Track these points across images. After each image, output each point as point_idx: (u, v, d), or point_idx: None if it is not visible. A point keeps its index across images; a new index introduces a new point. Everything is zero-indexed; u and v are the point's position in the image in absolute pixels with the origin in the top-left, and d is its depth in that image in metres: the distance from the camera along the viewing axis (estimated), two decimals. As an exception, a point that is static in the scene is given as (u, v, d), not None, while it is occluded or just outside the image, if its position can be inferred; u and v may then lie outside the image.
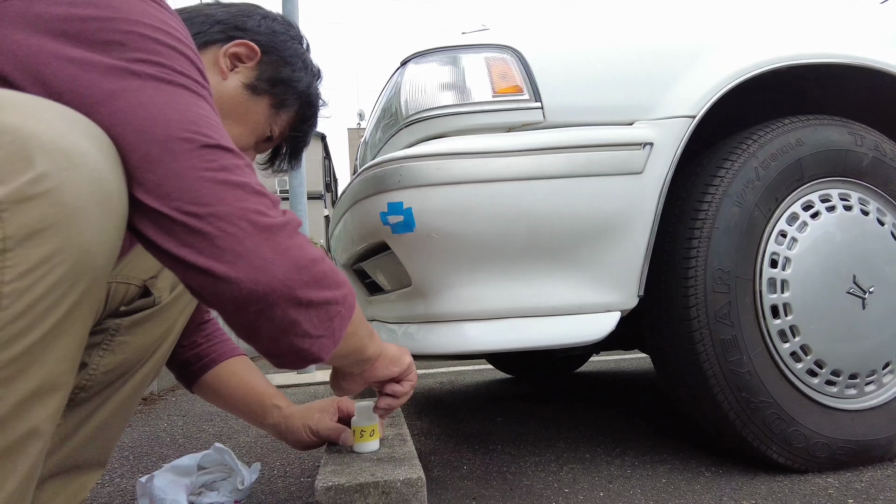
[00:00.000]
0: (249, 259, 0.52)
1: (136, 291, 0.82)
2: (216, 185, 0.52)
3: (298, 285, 0.56)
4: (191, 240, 0.51)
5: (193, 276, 0.52)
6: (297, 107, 0.88)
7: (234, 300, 0.53)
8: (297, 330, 0.58)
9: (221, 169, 0.53)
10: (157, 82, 0.53)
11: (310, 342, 0.60)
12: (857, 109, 1.32)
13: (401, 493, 0.88)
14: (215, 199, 0.51)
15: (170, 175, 0.51)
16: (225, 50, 0.80)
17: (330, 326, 0.61)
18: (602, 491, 1.08)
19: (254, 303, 0.53)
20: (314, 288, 0.58)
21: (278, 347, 0.59)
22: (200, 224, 0.51)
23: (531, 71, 1.07)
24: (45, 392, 0.46)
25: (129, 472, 1.41)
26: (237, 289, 0.52)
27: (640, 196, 1.05)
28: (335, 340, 0.63)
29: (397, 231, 1.04)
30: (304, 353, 0.61)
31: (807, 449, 1.08)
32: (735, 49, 1.12)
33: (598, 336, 1.06)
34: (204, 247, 0.51)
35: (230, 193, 0.52)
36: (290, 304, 0.56)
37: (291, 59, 0.85)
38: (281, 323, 0.56)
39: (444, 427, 1.74)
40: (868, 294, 1.11)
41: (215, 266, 0.51)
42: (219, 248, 0.51)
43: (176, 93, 0.54)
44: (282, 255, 0.54)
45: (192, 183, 0.51)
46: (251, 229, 0.53)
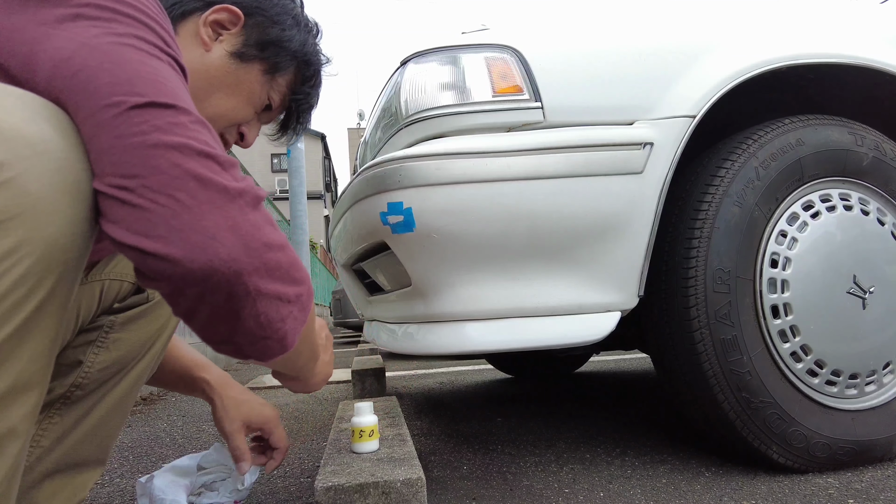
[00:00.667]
0: (187, 234, 0.45)
1: (129, 288, 0.82)
2: (146, 149, 0.45)
3: (246, 269, 0.47)
4: (122, 215, 0.45)
5: (128, 254, 0.46)
6: (293, 68, 0.80)
7: (169, 280, 0.46)
8: (239, 325, 0.50)
9: (153, 130, 0.46)
10: (95, 45, 0.48)
11: (251, 341, 0.52)
12: (857, 109, 1.32)
13: (400, 493, 0.88)
14: (146, 167, 0.45)
15: (101, 149, 0.46)
16: (205, 18, 0.73)
17: (279, 329, 0.53)
18: (602, 491, 1.08)
19: (191, 285, 0.46)
20: (265, 277, 0.49)
21: (217, 334, 0.51)
22: (131, 196, 0.44)
23: (531, 71, 1.07)
24: (20, 391, 0.45)
25: (129, 472, 1.41)
26: (172, 268, 0.45)
27: (641, 196, 1.05)
28: (283, 346, 0.55)
29: (397, 231, 1.04)
30: (243, 348, 0.53)
31: (807, 449, 1.07)
32: (735, 49, 1.12)
33: (598, 336, 1.06)
34: (135, 220, 0.44)
35: (163, 158, 0.45)
36: (234, 290, 0.47)
37: (280, 17, 0.77)
38: (221, 310, 0.49)
39: (443, 427, 1.74)
40: (868, 294, 1.11)
41: (146, 243, 0.44)
42: (151, 222, 0.44)
43: (113, 51, 0.48)
44: (228, 232, 0.46)
45: (120, 153, 0.45)
46: (190, 200, 0.45)
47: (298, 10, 0.81)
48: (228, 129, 0.78)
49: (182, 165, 0.45)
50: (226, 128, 0.77)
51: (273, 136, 0.88)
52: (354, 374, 2.27)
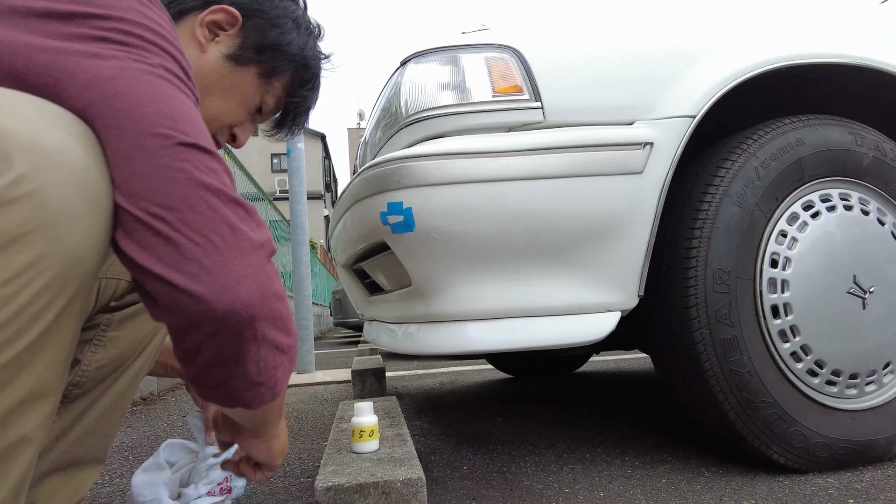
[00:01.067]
0: (216, 275, 0.47)
1: (126, 287, 0.81)
2: (189, 187, 0.47)
3: (260, 316, 0.50)
4: (154, 244, 0.46)
5: (151, 283, 0.47)
6: (291, 71, 0.78)
7: (189, 315, 0.47)
8: (240, 368, 0.52)
9: (196, 170, 0.48)
10: (136, 72, 0.49)
11: (245, 385, 0.54)
12: (857, 109, 1.32)
13: (400, 493, 0.88)
14: (186, 204, 0.47)
15: (139, 173, 0.46)
16: (201, 18, 0.71)
17: (272, 376, 0.55)
18: (602, 491, 1.08)
19: (209, 323, 0.48)
20: (271, 326, 0.52)
21: (213, 377, 0.53)
22: (167, 229, 0.46)
23: (531, 71, 1.07)
24: (35, 399, 0.45)
25: (129, 472, 1.41)
26: (196, 304, 0.47)
27: (641, 196, 1.05)
28: (273, 393, 0.57)
29: (397, 231, 1.04)
30: (234, 394, 0.54)
31: (807, 449, 1.07)
32: (735, 49, 1.12)
33: (598, 336, 1.06)
34: (168, 253, 0.46)
35: (203, 200, 0.48)
36: (245, 333, 0.50)
37: (279, 20, 0.75)
38: (227, 352, 0.50)
39: (444, 427, 1.74)
40: (868, 294, 1.11)
41: (177, 277, 0.46)
42: (184, 257, 0.46)
43: (155, 83, 0.50)
44: (250, 279, 0.49)
45: (162, 183, 0.46)
46: (222, 243, 0.48)
47: (300, 12, 0.79)
48: (220, 131, 0.77)
49: (218, 210, 0.48)
50: (218, 130, 0.77)
51: (269, 132, 0.88)
52: (354, 374, 2.27)
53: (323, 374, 3.32)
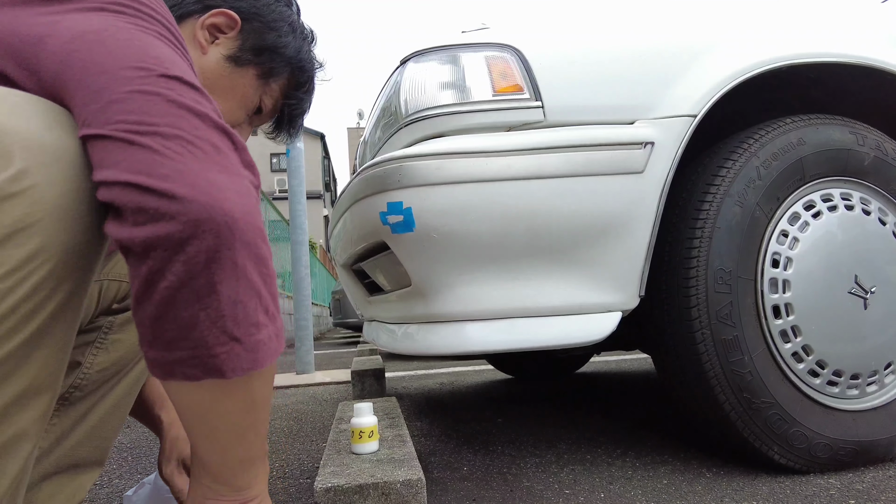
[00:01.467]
0: (194, 178, 0.42)
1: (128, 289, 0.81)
2: (170, 106, 0.44)
3: (241, 237, 0.43)
4: (124, 155, 0.42)
5: (117, 194, 0.42)
6: (288, 73, 0.81)
7: (155, 219, 0.41)
8: (212, 304, 0.43)
9: (179, 96, 0.45)
10: (126, 25, 0.48)
11: (216, 336, 0.44)
12: (858, 109, 1.31)
13: (400, 494, 0.88)
14: (165, 119, 0.43)
15: (115, 99, 0.43)
16: (202, 21, 0.74)
17: (252, 335, 0.46)
18: (603, 492, 1.07)
19: (180, 227, 0.41)
20: (253, 261, 0.45)
21: (171, 324, 0.43)
22: (141, 139, 0.42)
23: (531, 70, 1.06)
24: (32, 395, 0.45)
25: (128, 473, 1.41)
26: (166, 204, 0.41)
27: (641, 196, 1.05)
28: (254, 361, 0.47)
29: (397, 231, 1.03)
30: (202, 351, 0.44)
31: (808, 449, 1.07)
32: (736, 48, 1.12)
33: (598, 336, 1.05)
34: (140, 160, 0.41)
35: (185, 119, 0.44)
36: (222, 252, 0.43)
37: (276, 23, 0.77)
38: (197, 273, 0.42)
39: (443, 428, 1.73)
40: (870, 294, 1.10)
41: (146, 180, 0.41)
42: (157, 162, 0.41)
43: (143, 36, 0.48)
44: (234, 193, 0.44)
45: (140, 103, 0.43)
46: (203, 156, 0.43)
47: (295, 17, 0.82)
48: None
49: (201, 129, 0.45)
50: None
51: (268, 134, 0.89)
52: (354, 374, 2.26)
53: (322, 375, 3.31)
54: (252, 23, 0.76)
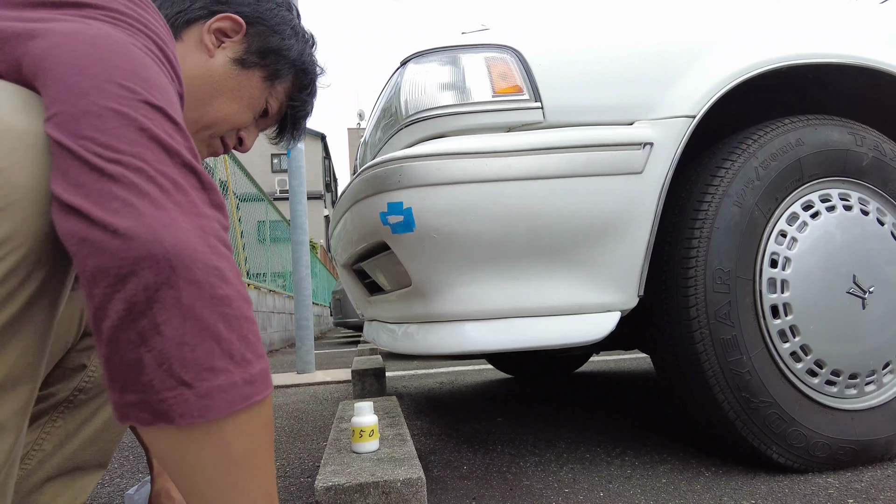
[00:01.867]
0: (140, 214, 0.40)
1: None
2: (141, 136, 0.43)
3: (186, 274, 0.41)
4: (84, 180, 0.40)
5: (68, 221, 0.40)
6: (292, 76, 0.83)
7: (97, 253, 0.40)
8: (155, 346, 0.41)
9: (155, 127, 0.44)
10: (120, 37, 0.48)
11: (163, 380, 0.41)
12: (857, 109, 1.32)
13: (400, 493, 0.88)
14: (133, 150, 0.42)
15: (91, 111, 0.42)
16: (208, 26, 0.75)
17: (205, 380, 0.42)
18: (602, 491, 1.08)
19: (118, 262, 0.40)
20: (205, 300, 0.42)
21: (121, 366, 0.41)
22: (102, 164, 0.41)
23: (531, 71, 1.07)
24: (10, 387, 0.43)
25: (129, 473, 1.41)
26: (107, 239, 0.39)
27: (640, 196, 1.05)
28: (204, 409, 0.42)
29: (397, 231, 1.04)
30: (151, 396, 0.41)
31: (807, 449, 1.08)
32: (735, 49, 1.12)
33: (598, 336, 1.06)
34: (93, 189, 0.40)
35: (153, 153, 0.43)
36: (162, 291, 0.40)
37: (279, 27, 0.80)
38: (140, 314, 0.40)
39: (443, 427, 1.74)
40: (868, 294, 1.11)
41: (96, 211, 0.40)
42: (112, 193, 0.40)
43: (136, 52, 0.48)
44: (184, 231, 0.42)
45: (114, 125, 0.42)
46: (159, 193, 0.42)
47: (296, 21, 0.84)
48: (228, 134, 0.80)
49: (165, 165, 0.44)
50: (227, 132, 0.79)
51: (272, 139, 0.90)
52: (354, 374, 2.27)
53: (323, 374, 3.32)
54: (256, 26, 0.78)
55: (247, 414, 0.45)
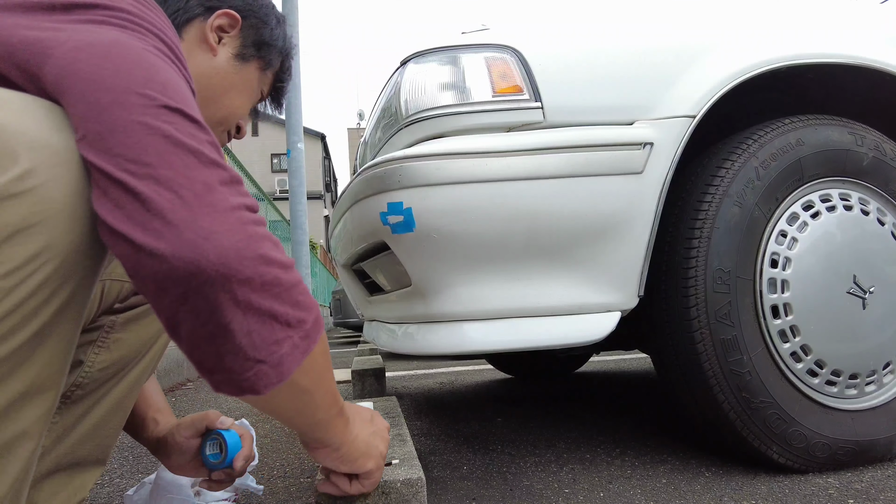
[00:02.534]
0: (181, 230, 0.44)
1: (130, 289, 0.82)
2: (166, 144, 0.45)
3: (236, 277, 0.45)
4: (123, 202, 0.43)
5: (118, 245, 0.44)
6: (279, 62, 0.86)
7: (153, 277, 0.44)
8: (227, 341, 0.47)
9: (177, 131, 0.46)
10: (132, 42, 0.49)
11: (242, 364, 0.48)
12: (857, 109, 1.31)
13: (400, 493, 0.88)
14: (160, 159, 0.45)
15: (115, 127, 0.45)
16: (210, 24, 0.76)
17: (274, 353, 0.49)
18: (602, 491, 1.08)
19: (174, 284, 0.44)
20: (258, 291, 0.47)
21: (206, 355, 0.48)
22: (136, 183, 0.44)
23: (531, 71, 1.07)
24: (35, 394, 0.45)
25: (129, 473, 1.41)
26: (158, 264, 0.43)
27: (641, 196, 1.05)
28: (280, 373, 0.50)
29: (397, 231, 1.04)
30: (235, 377, 0.49)
31: (807, 449, 1.07)
32: (735, 49, 1.12)
33: (598, 336, 1.06)
34: (133, 210, 0.43)
35: (179, 158, 0.45)
36: (219, 297, 0.45)
37: (267, 17, 0.82)
38: (206, 320, 0.46)
39: (443, 427, 1.74)
40: (868, 294, 1.11)
41: (140, 236, 0.43)
42: (149, 213, 0.43)
43: (148, 56, 0.49)
44: (223, 235, 0.45)
45: (139, 138, 0.45)
46: (193, 199, 0.45)
47: (274, 6, 0.87)
48: (232, 125, 0.83)
49: (194, 168, 0.46)
50: (233, 124, 0.82)
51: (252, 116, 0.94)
52: (354, 374, 2.27)
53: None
54: (249, 19, 0.80)
55: (308, 357, 0.53)
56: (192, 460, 0.89)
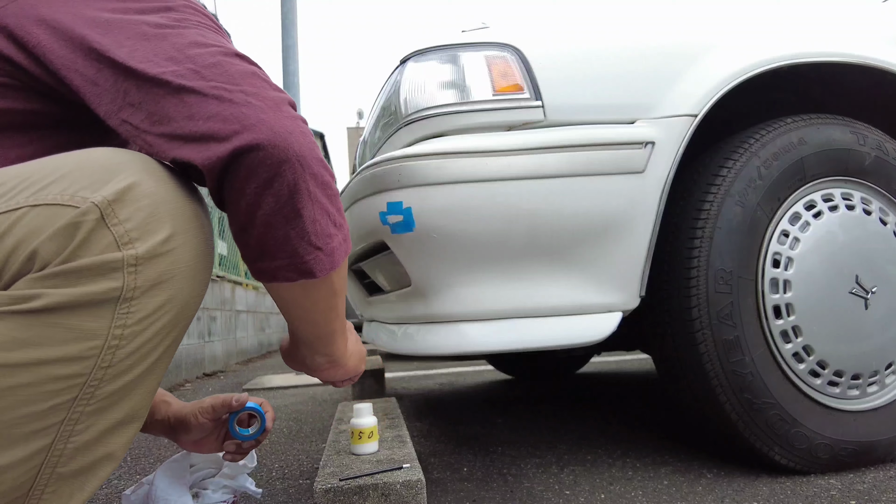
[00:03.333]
0: (271, 126, 0.52)
1: None
2: (250, 76, 0.55)
3: (310, 170, 0.54)
4: (216, 109, 0.52)
5: (211, 147, 0.52)
6: None
7: (248, 165, 0.52)
8: (299, 225, 0.55)
9: (244, 66, 0.56)
10: (198, 28, 0.59)
11: (305, 247, 0.56)
12: (859, 108, 1.31)
13: (400, 495, 0.87)
14: (247, 83, 0.54)
15: (199, 61, 0.55)
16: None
17: (329, 244, 0.58)
18: (603, 493, 1.07)
19: (266, 168, 0.52)
20: (320, 188, 0.56)
21: (274, 240, 0.56)
22: (231, 94, 0.53)
23: (532, 69, 1.06)
24: (128, 422, 0.52)
25: (128, 474, 1.40)
26: (255, 153, 0.51)
27: (642, 195, 1.04)
28: (332, 262, 0.59)
29: (396, 231, 1.03)
30: (297, 260, 0.57)
31: (809, 450, 1.07)
32: (736, 48, 1.12)
33: (599, 337, 1.05)
34: (230, 112, 0.52)
35: (250, 82, 0.55)
36: (299, 183, 0.54)
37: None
38: (285, 201, 0.54)
39: (443, 429, 1.73)
40: (870, 294, 1.10)
41: (237, 129, 0.52)
42: (244, 113, 0.52)
43: (219, 38, 0.60)
44: (299, 135, 0.54)
45: (226, 68, 0.55)
46: (273, 107, 0.54)
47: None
48: None
49: (265, 89, 0.55)
50: None
51: None
52: (354, 374, 2.26)
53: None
54: None
55: (340, 270, 0.62)
56: (211, 436, 0.92)
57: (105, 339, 0.48)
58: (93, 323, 0.47)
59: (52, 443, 0.48)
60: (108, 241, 0.47)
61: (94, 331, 0.48)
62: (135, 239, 0.48)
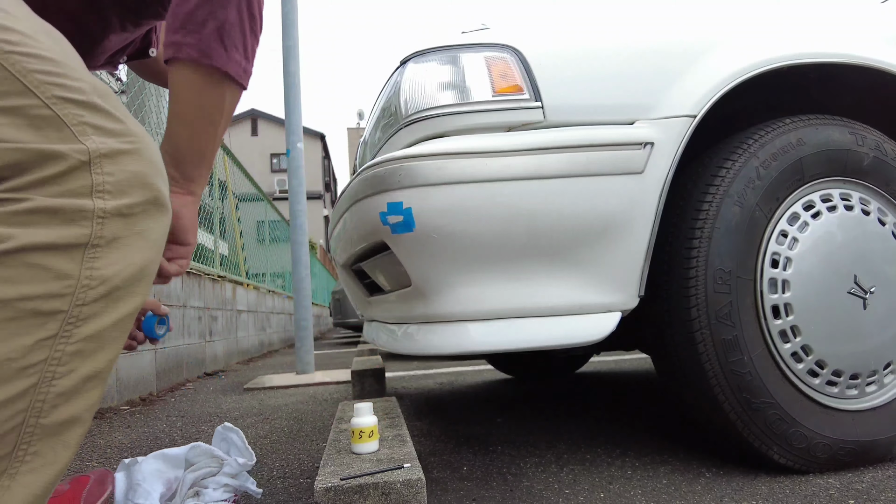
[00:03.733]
0: None
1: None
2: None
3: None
4: None
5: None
6: None
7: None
8: (222, 15, 0.68)
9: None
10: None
11: (217, 39, 0.69)
12: (858, 109, 1.31)
13: (400, 494, 0.88)
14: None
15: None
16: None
17: (232, 52, 0.71)
18: (602, 492, 1.08)
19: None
20: (251, 19, 0.72)
21: (199, 13, 0.68)
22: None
23: (531, 70, 1.06)
24: (98, 379, 0.55)
25: (128, 473, 1.40)
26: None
27: (641, 196, 1.05)
28: (226, 62, 0.70)
29: (397, 231, 1.03)
30: (204, 45, 0.68)
31: (808, 449, 1.07)
32: (736, 48, 1.12)
33: (598, 336, 1.05)
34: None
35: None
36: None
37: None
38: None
39: (443, 428, 1.73)
40: (869, 294, 1.10)
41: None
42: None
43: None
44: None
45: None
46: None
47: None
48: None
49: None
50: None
51: None
52: (354, 374, 2.26)
53: (322, 375, 3.31)
54: None
55: (232, 93, 0.74)
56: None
57: (77, 280, 0.53)
58: (67, 264, 0.53)
59: (37, 383, 0.51)
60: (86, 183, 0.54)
61: (69, 271, 0.53)
62: (108, 192, 0.54)
